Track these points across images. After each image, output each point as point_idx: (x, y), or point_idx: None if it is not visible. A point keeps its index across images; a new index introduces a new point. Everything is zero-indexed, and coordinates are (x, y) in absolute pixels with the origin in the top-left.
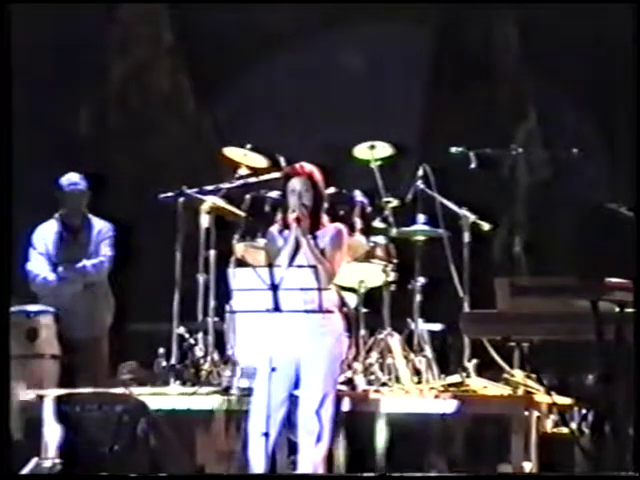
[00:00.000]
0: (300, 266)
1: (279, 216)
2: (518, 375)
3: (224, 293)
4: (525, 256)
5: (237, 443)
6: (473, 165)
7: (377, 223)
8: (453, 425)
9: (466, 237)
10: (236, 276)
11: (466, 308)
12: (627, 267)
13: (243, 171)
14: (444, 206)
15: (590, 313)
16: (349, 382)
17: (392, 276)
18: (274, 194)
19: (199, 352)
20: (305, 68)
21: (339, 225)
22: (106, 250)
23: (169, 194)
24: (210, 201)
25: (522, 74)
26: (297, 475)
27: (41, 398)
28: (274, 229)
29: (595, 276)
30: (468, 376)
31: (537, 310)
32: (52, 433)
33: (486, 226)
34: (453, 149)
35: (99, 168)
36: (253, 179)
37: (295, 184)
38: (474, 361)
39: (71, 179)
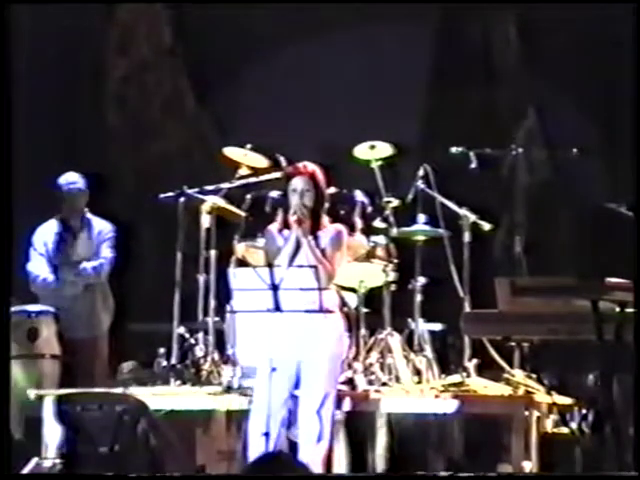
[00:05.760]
0: (300, 266)
1: (279, 216)
2: (518, 375)
3: (224, 293)
4: (525, 256)
5: (237, 443)
6: (473, 165)
7: (377, 223)
8: (453, 425)
9: (466, 237)
10: (236, 276)
11: (466, 308)
12: (627, 267)
13: (243, 171)
14: (444, 206)
15: (590, 313)
16: (349, 382)
17: (392, 276)
18: (274, 194)
19: (199, 352)
20: (305, 68)
21: (339, 226)
22: (106, 252)
23: (169, 194)
24: (210, 201)
25: (522, 74)
26: (298, 475)
27: (41, 398)
28: (273, 228)
29: (595, 276)
30: (468, 376)
31: (537, 310)
32: (52, 433)
33: (486, 226)
34: (453, 149)
35: (99, 168)
36: (253, 179)
37: (297, 183)
38: (474, 361)
39: (69, 179)
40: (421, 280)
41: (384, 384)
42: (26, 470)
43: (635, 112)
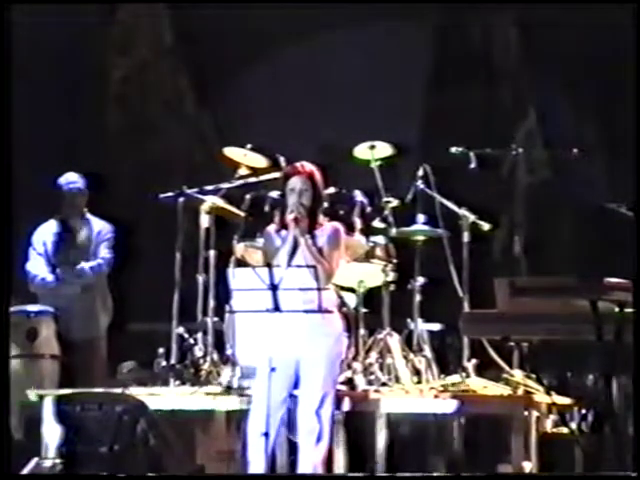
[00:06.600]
0: (299, 266)
1: (277, 216)
2: (518, 375)
3: (223, 293)
4: (525, 256)
5: (237, 443)
6: (473, 165)
7: (377, 223)
8: (453, 425)
9: (466, 237)
10: (236, 276)
11: (466, 308)
12: (627, 267)
13: (243, 171)
14: (444, 206)
15: (590, 313)
16: (349, 382)
17: (392, 276)
18: (274, 194)
19: (199, 352)
20: (305, 68)
21: (336, 224)
22: (105, 252)
23: (169, 194)
24: (210, 201)
25: (522, 74)
26: (297, 475)
27: (41, 398)
28: (271, 228)
29: (595, 276)
30: (468, 376)
31: (537, 310)
32: (52, 433)
33: (486, 226)
34: (453, 149)
35: (99, 168)
36: (253, 179)
37: (295, 183)
38: (474, 361)
39: (69, 179)
40: (420, 280)
41: (383, 384)
42: (26, 470)
43: (635, 112)
